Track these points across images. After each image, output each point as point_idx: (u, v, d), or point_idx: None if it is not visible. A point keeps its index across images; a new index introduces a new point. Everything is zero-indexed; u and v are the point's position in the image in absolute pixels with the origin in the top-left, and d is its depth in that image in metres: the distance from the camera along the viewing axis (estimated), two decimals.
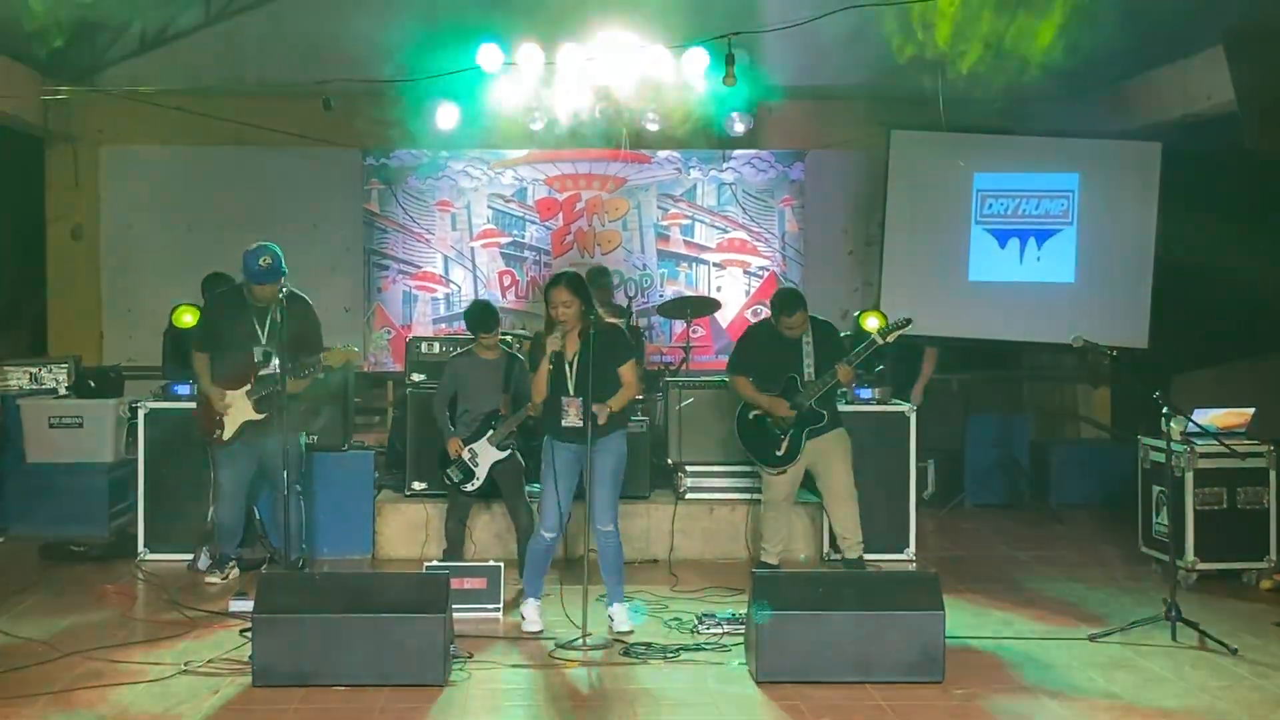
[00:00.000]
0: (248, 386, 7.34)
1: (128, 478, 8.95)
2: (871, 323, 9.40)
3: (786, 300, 7.71)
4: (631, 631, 6.74)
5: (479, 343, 7.84)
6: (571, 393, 6.65)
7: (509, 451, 7.81)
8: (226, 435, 7.46)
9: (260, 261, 7.22)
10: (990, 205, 10.79)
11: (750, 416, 7.75)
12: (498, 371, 7.82)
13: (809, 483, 7.95)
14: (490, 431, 7.76)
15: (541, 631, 6.72)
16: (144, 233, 12.00)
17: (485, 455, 7.77)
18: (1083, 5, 9.74)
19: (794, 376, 7.61)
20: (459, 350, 8.20)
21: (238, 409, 7.42)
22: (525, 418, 7.63)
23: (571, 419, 6.64)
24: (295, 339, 7.30)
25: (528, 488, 7.90)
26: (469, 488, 7.81)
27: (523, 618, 6.82)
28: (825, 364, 7.59)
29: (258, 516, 8.14)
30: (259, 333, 7.33)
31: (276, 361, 7.24)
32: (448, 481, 7.86)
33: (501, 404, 7.78)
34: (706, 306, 10.91)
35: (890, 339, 7.62)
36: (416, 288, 12.14)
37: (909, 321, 7.62)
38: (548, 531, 6.79)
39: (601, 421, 6.55)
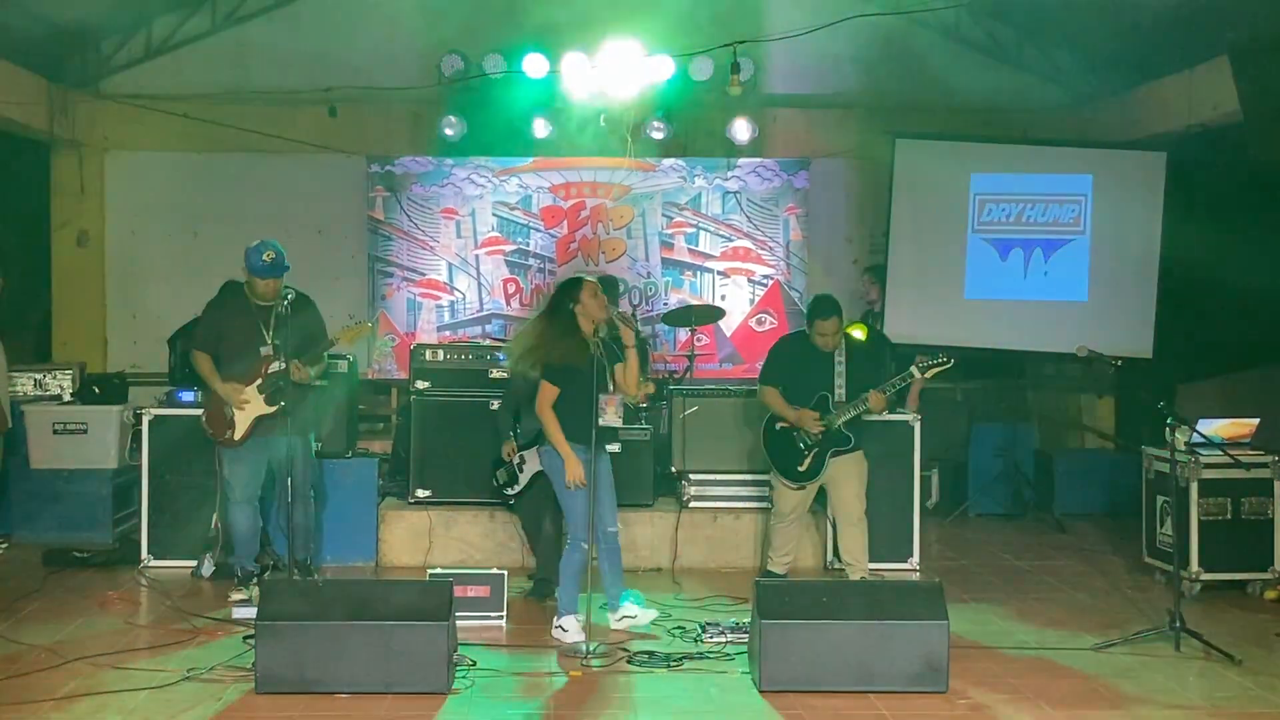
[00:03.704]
0: (259, 381, 7.32)
1: (132, 484, 8.96)
2: (856, 334, 9.37)
3: (822, 305, 7.56)
4: (654, 618, 6.94)
5: None
6: (610, 391, 6.82)
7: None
8: (239, 435, 7.41)
9: (264, 257, 7.24)
10: (990, 211, 10.76)
11: (778, 426, 7.67)
12: None
13: (819, 497, 7.92)
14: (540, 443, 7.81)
15: (583, 642, 6.62)
16: (149, 239, 12.02)
17: (531, 464, 7.78)
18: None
19: (826, 395, 7.54)
20: None
21: (250, 405, 7.39)
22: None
23: (610, 418, 6.77)
24: (302, 336, 7.33)
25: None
26: (510, 491, 7.83)
27: (564, 630, 6.74)
28: (856, 385, 7.52)
29: (260, 523, 8.13)
30: (264, 331, 7.32)
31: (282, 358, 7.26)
32: (495, 484, 7.91)
33: None
34: (710, 315, 10.91)
35: (930, 375, 7.61)
36: (421, 295, 12.14)
37: (950, 361, 7.59)
38: (586, 542, 6.78)
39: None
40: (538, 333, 6.91)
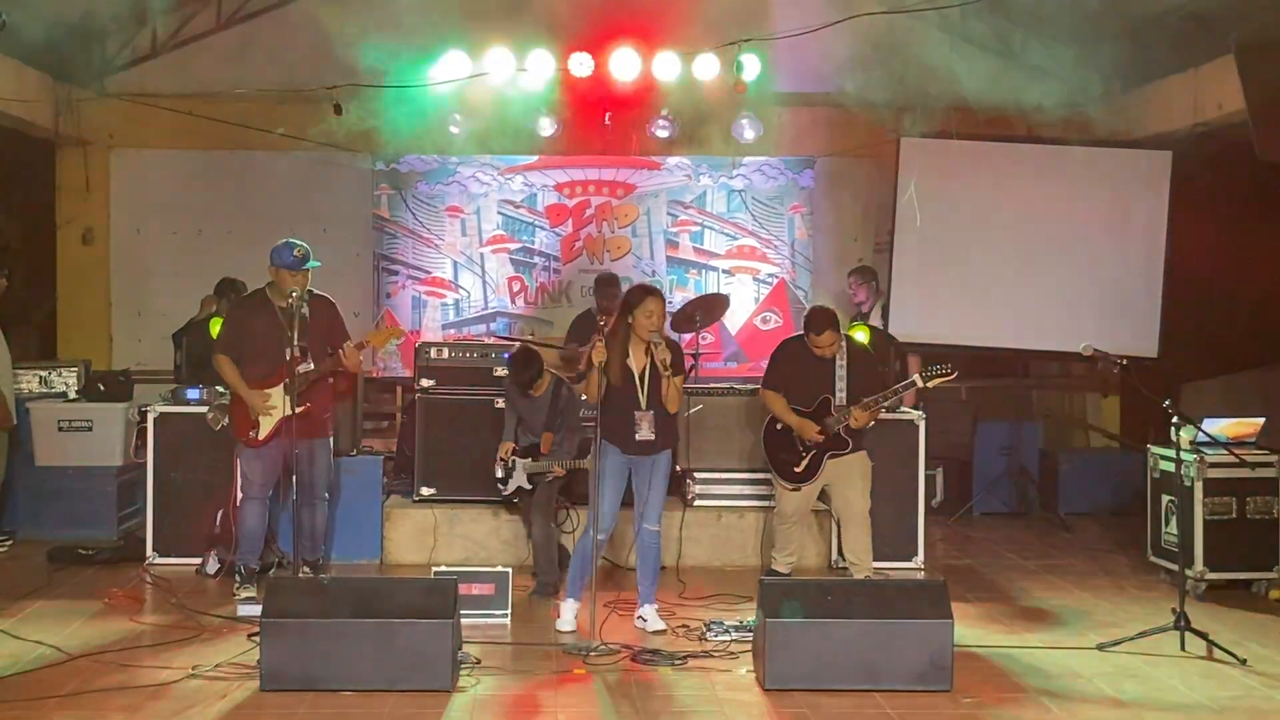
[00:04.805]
0: (285, 383, 7.31)
1: (136, 482, 8.98)
2: (859, 336, 9.39)
3: (816, 320, 7.57)
4: (664, 631, 6.84)
5: None
6: (644, 407, 6.80)
7: (533, 487, 7.87)
8: (262, 435, 7.40)
9: (294, 252, 7.34)
10: (994, 209, 10.73)
11: (778, 427, 7.70)
12: (543, 408, 7.88)
13: (822, 496, 7.92)
14: (529, 460, 7.86)
15: (574, 633, 6.76)
16: (154, 236, 12.02)
17: (519, 475, 7.86)
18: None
19: (828, 398, 7.54)
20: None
21: (276, 406, 7.36)
22: (566, 459, 7.74)
23: (644, 433, 6.80)
24: (324, 335, 7.41)
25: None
26: (505, 491, 7.96)
27: (559, 615, 6.88)
28: (857, 388, 7.52)
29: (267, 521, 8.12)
30: (289, 333, 7.31)
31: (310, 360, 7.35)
32: (496, 478, 7.99)
33: (542, 442, 7.84)
34: (715, 307, 10.86)
35: (932, 385, 7.59)
36: (425, 293, 12.14)
37: (954, 372, 7.56)
38: (601, 534, 6.83)
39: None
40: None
